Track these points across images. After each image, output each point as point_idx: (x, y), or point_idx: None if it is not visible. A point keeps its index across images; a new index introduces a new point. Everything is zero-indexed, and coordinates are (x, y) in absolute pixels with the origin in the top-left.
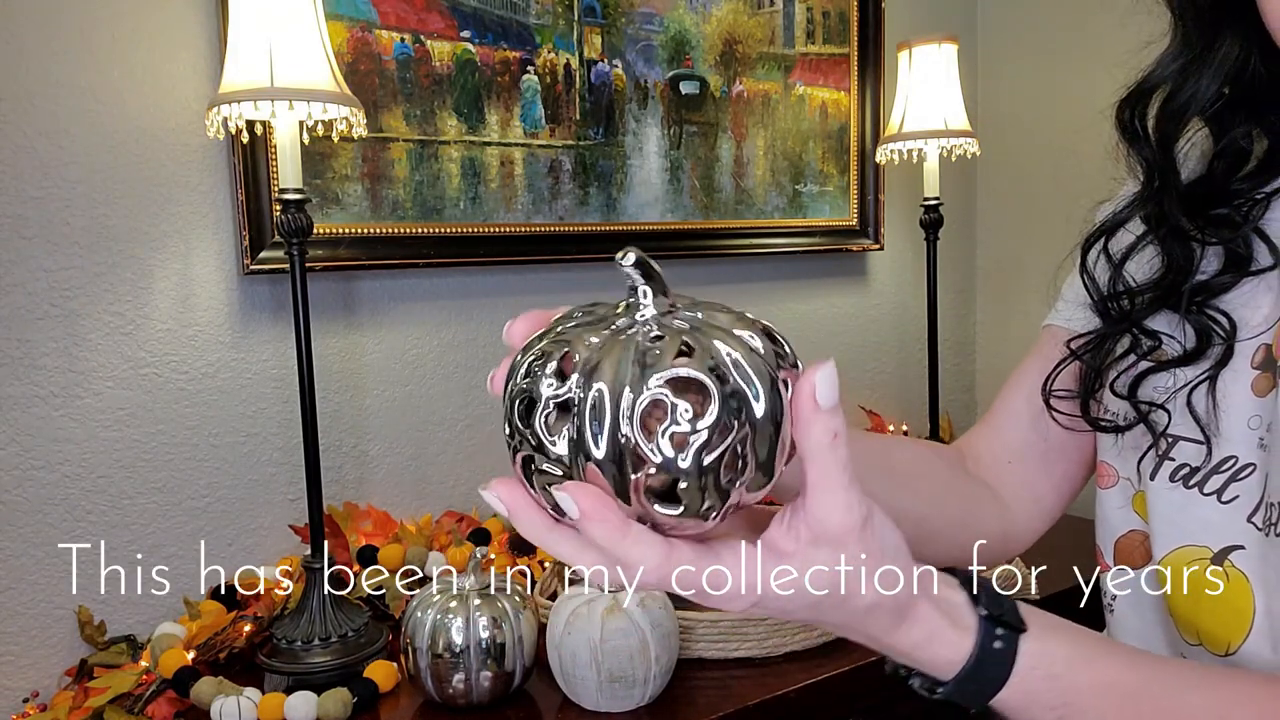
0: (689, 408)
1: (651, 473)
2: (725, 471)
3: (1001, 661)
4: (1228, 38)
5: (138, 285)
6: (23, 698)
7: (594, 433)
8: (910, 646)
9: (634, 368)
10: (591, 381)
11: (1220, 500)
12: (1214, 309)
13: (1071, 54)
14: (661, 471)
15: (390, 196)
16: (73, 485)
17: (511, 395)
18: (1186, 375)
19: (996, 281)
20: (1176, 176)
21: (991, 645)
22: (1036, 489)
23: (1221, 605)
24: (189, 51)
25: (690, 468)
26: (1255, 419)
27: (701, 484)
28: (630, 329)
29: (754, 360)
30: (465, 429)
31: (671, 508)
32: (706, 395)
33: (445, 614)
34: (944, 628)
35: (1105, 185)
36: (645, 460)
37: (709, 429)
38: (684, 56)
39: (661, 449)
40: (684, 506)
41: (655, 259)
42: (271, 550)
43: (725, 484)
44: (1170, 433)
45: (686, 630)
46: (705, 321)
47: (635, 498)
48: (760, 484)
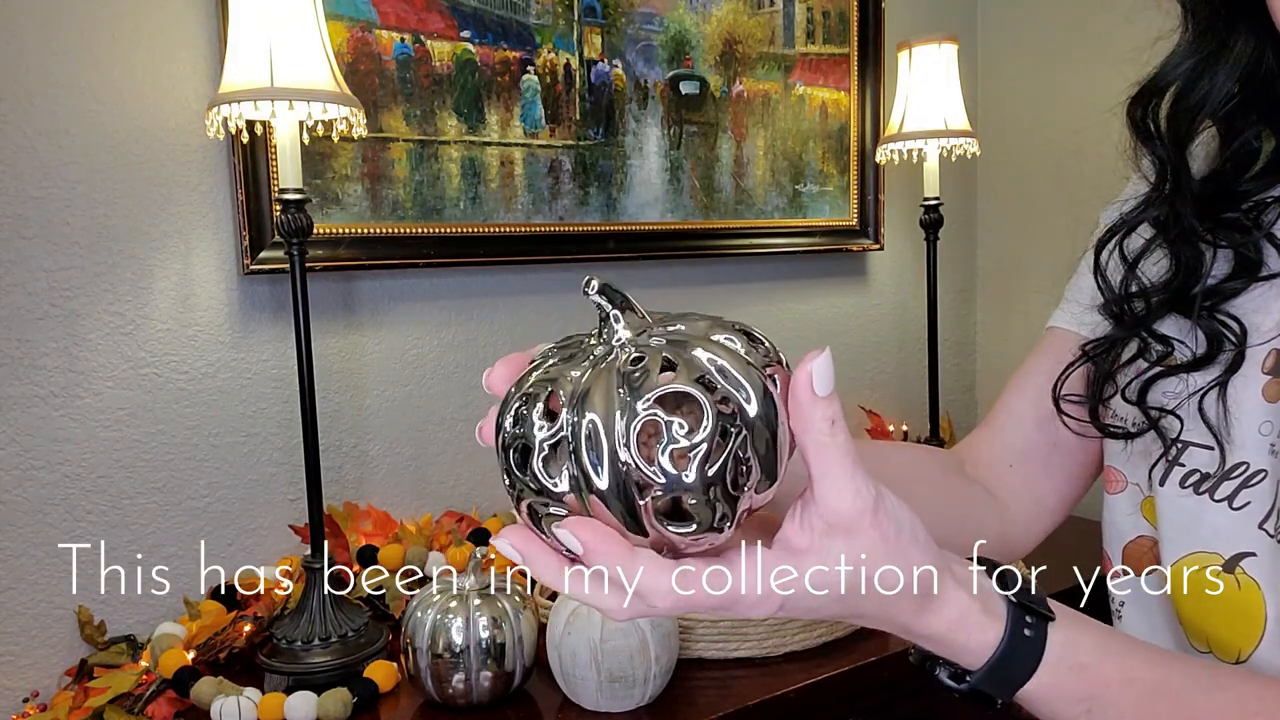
0: (683, 423)
1: (658, 494)
2: (730, 479)
3: (1032, 649)
4: (1241, 35)
5: (138, 285)
6: (23, 698)
7: (593, 465)
8: (941, 630)
9: (621, 393)
10: (582, 416)
11: (1231, 507)
12: (1224, 314)
13: (1072, 53)
14: (667, 492)
15: (390, 196)
16: (73, 485)
17: (504, 445)
18: (1197, 381)
19: (996, 281)
20: (1190, 177)
21: (1022, 632)
22: (1038, 491)
23: (1233, 612)
24: (189, 51)
25: (695, 482)
26: (1266, 425)
27: (709, 496)
28: (609, 356)
29: (738, 362)
30: (465, 429)
31: (684, 525)
32: (698, 407)
33: (445, 614)
34: (974, 611)
35: (1105, 185)
36: (650, 484)
37: (707, 440)
38: (684, 56)
39: (664, 469)
40: (696, 522)
41: (656, 258)
42: (271, 550)
43: (733, 491)
44: (1181, 439)
45: (686, 630)
46: (683, 333)
47: (647, 522)
48: (766, 485)
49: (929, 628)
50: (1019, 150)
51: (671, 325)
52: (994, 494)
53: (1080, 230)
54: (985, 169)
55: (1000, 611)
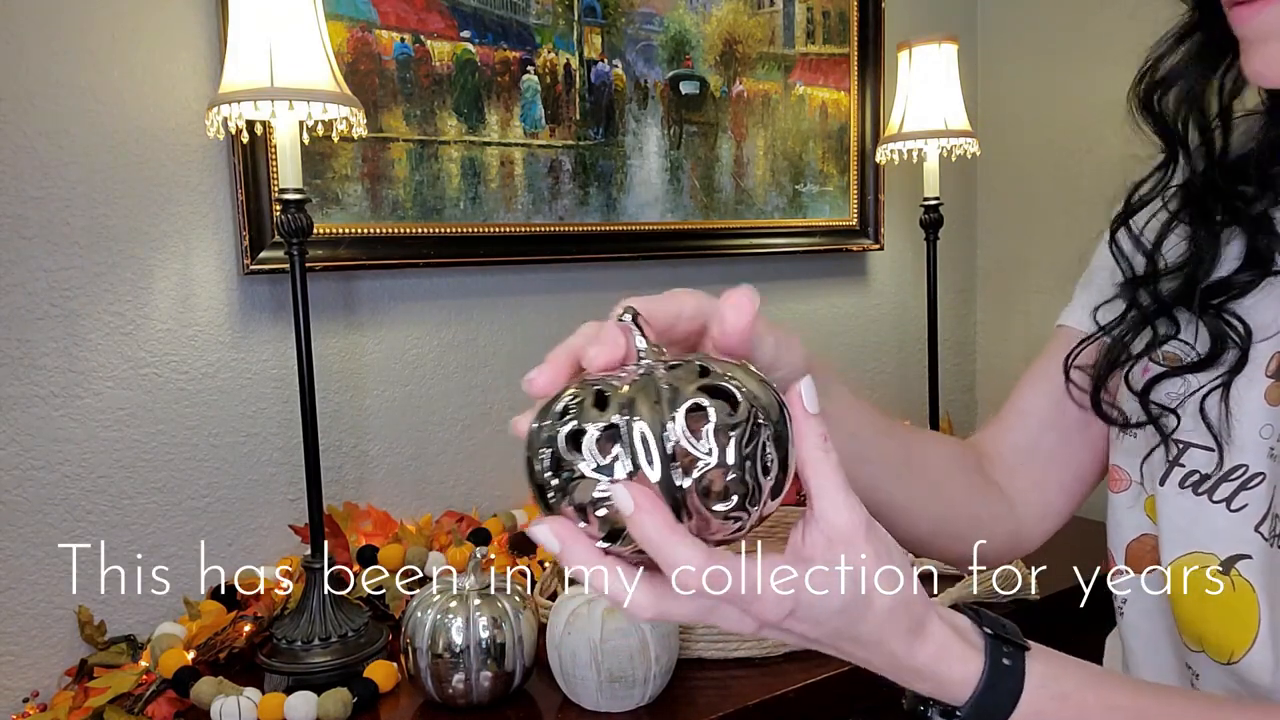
0: (725, 406)
1: (708, 466)
2: (761, 463)
3: (1012, 678)
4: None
5: (138, 285)
6: (23, 698)
7: (644, 446)
8: (926, 660)
9: (666, 388)
10: (634, 405)
11: (1229, 508)
12: (1230, 313)
13: (1072, 53)
14: (713, 468)
15: (390, 196)
16: (73, 485)
17: (550, 432)
18: (1200, 381)
19: (996, 281)
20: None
21: (1001, 661)
22: (1046, 489)
23: (1228, 613)
24: (189, 51)
25: (735, 459)
26: (1267, 428)
27: (743, 473)
28: (645, 371)
29: (755, 378)
30: (465, 429)
31: (725, 503)
32: (734, 398)
33: (445, 614)
34: (955, 641)
35: (1105, 185)
36: (696, 459)
37: (744, 423)
38: (684, 56)
39: (711, 446)
40: (735, 498)
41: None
42: (271, 550)
43: (762, 474)
44: (1181, 439)
45: (686, 630)
46: (701, 357)
47: (689, 501)
48: (782, 480)
49: (915, 657)
50: (1019, 150)
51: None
52: (1005, 491)
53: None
54: (985, 169)
55: (978, 643)
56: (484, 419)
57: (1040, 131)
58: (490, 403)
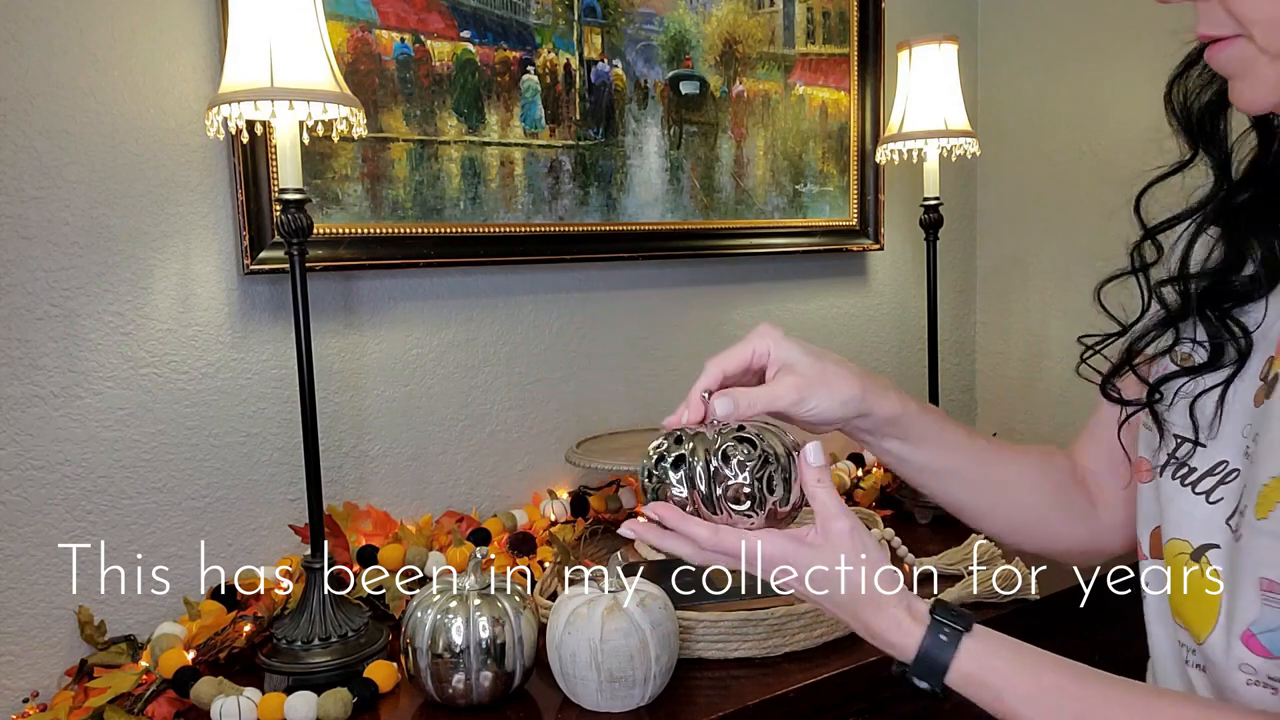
0: (748, 448)
1: (736, 482)
2: (765, 484)
3: (946, 649)
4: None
5: (138, 285)
6: (23, 698)
7: (700, 468)
8: (882, 629)
9: (715, 437)
10: (695, 446)
11: (1208, 501)
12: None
13: (1072, 53)
14: (733, 483)
15: (390, 196)
16: (73, 485)
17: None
18: (1206, 382)
19: (996, 281)
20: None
21: (939, 636)
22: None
23: (1199, 597)
24: (189, 51)
25: (748, 479)
26: (1248, 427)
27: (753, 490)
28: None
29: (775, 434)
30: (465, 429)
31: (741, 506)
32: (754, 444)
33: (445, 614)
34: (905, 619)
35: (1106, 185)
36: (726, 478)
37: (759, 459)
38: (684, 56)
39: (735, 471)
40: (748, 504)
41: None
42: (271, 550)
43: (767, 491)
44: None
45: (686, 630)
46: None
47: (719, 505)
48: (785, 499)
49: (875, 625)
50: (1019, 150)
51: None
52: (1093, 500)
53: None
54: (985, 169)
55: (925, 621)
56: (484, 419)
57: (1040, 131)
58: (490, 403)
